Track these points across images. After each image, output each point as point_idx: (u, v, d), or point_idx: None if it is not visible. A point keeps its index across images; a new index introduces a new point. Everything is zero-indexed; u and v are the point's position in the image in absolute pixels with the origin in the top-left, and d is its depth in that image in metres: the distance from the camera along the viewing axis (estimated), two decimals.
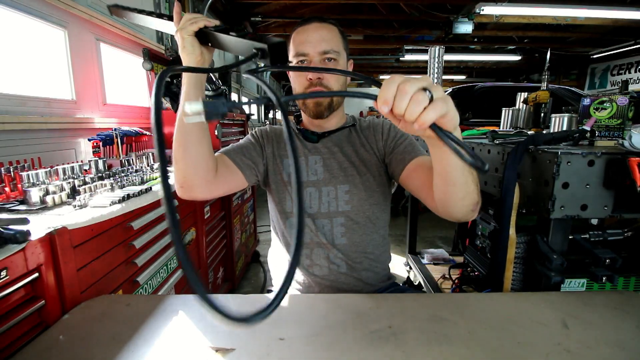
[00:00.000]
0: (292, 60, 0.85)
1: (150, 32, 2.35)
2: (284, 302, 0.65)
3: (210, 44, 0.63)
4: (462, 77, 8.82)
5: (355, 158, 0.88)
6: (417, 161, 0.80)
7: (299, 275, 0.87)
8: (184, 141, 0.68)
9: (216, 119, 0.35)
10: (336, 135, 0.91)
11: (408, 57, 6.19)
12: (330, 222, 0.85)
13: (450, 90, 4.47)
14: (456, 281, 1.49)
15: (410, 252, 2.10)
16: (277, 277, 0.95)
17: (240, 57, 0.53)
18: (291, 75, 0.87)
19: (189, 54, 0.64)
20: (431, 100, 0.41)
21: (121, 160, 1.37)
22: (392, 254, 0.98)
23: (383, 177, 0.88)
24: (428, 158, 0.79)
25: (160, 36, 2.46)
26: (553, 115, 1.31)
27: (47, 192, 0.86)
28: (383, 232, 0.93)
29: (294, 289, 0.89)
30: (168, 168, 0.33)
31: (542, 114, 1.60)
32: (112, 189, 1.00)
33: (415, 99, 0.40)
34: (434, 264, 1.84)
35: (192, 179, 0.71)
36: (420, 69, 7.74)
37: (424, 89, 0.41)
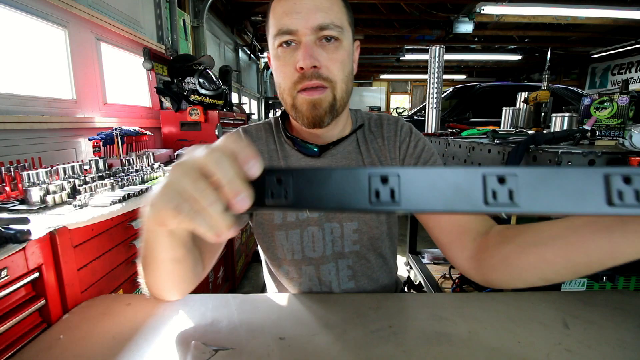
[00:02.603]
0: (272, 41, 0.57)
1: (150, 32, 2.35)
2: (284, 302, 0.65)
3: None
4: (463, 77, 8.81)
5: None
6: None
7: None
8: (170, 277, 0.48)
9: None
10: (342, 146, 0.68)
11: (408, 56, 6.21)
12: (335, 265, 0.67)
13: (450, 89, 4.48)
14: (456, 280, 1.49)
15: (410, 252, 2.10)
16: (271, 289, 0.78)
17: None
18: (273, 65, 0.61)
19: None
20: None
21: (121, 160, 1.37)
22: None
23: None
24: None
25: (160, 35, 2.46)
26: (553, 114, 1.31)
27: (47, 192, 0.87)
28: (392, 261, 0.76)
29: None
30: None
31: (543, 114, 1.60)
32: (113, 188, 1.00)
33: None
34: (435, 263, 1.84)
35: (179, 294, 0.56)
36: (420, 68, 7.74)
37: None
